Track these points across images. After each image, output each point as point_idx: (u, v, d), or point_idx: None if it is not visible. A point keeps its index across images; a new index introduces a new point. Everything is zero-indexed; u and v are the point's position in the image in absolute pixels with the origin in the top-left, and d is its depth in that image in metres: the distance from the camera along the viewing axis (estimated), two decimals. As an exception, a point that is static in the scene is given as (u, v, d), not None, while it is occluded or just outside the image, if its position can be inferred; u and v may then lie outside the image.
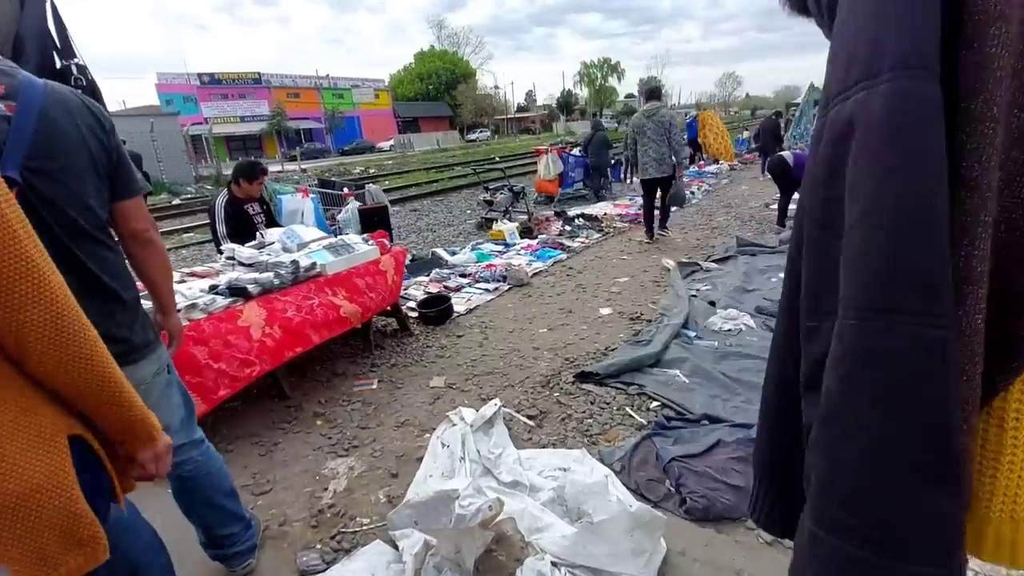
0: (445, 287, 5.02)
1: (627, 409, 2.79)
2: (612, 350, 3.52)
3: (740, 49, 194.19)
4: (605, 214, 8.45)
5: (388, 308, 3.86)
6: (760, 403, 0.82)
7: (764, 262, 5.14)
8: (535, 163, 18.44)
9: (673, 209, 6.93)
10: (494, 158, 24.13)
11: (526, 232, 7.15)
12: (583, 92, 71.97)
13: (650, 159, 6.00)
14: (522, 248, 6.43)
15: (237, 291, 2.82)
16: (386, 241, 3.90)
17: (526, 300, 4.71)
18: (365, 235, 4.00)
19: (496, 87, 64.53)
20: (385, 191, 13.70)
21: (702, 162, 15.26)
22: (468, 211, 10.27)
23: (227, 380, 2.63)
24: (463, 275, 5.33)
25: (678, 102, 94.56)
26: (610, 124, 55.45)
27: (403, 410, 2.96)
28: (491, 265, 5.58)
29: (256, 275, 2.98)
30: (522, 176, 15.44)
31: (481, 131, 52.58)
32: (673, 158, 5.97)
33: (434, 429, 2.66)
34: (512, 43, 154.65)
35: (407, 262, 4.65)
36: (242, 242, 3.53)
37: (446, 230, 8.41)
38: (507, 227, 7.05)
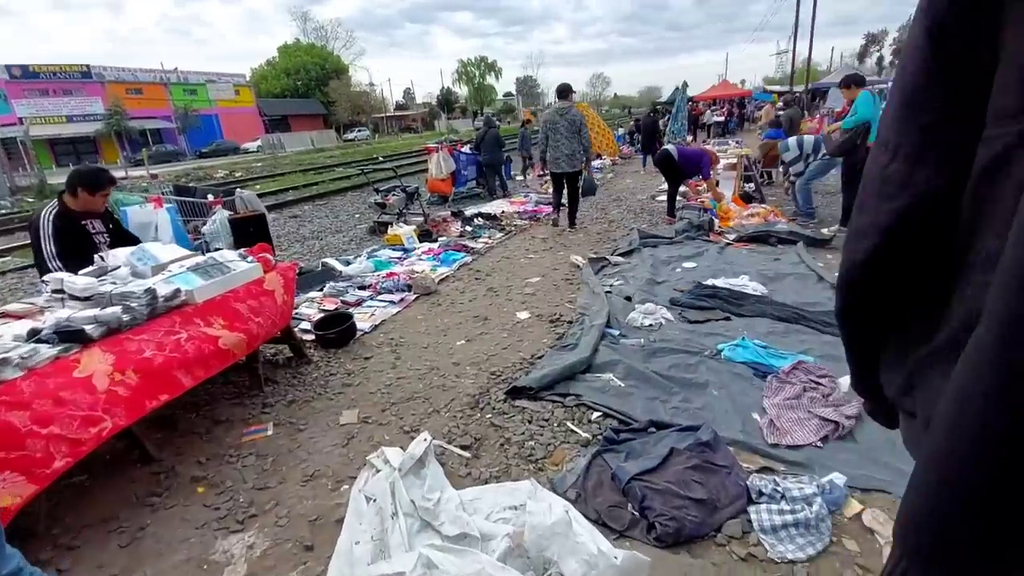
0: (343, 302, 4.49)
1: (568, 424, 2.58)
2: (539, 358, 3.31)
3: (606, 51, 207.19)
4: (503, 212, 8.29)
5: (279, 334, 3.30)
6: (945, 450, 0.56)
7: (666, 253, 5.28)
8: (424, 162, 17.91)
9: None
10: (378, 157, 23.06)
11: (425, 235, 6.74)
12: (463, 90, 71.98)
13: (562, 154, 6.31)
14: (423, 252, 6.02)
15: (69, 335, 2.15)
16: (270, 256, 3.33)
17: (437, 310, 4.36)
18: (242, 250, 3.38)
19: (372, 84, 62.23)
20: (258, 196, 12.45)
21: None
22: (357, 215, 9.56)
23: (65, 446, 2.00)
24: (362, 287, 4.82)
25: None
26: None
27: (310, 459, 2.48)
28: (392, 274, 5.12)
29: (96, 311, 2.32)
30: (411, 176, 14.87)
31: (360, 130, 50.27)
32: (583, 154, 6.39)
33: (353, 479, 2.25)
34: (385, 39, 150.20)
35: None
36: (77, 267, 2.77)
37: (335, 237, 7.70)
38: (404, 231, 6.59)
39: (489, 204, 9.55)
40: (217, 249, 3.82)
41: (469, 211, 8.54)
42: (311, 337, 3.78)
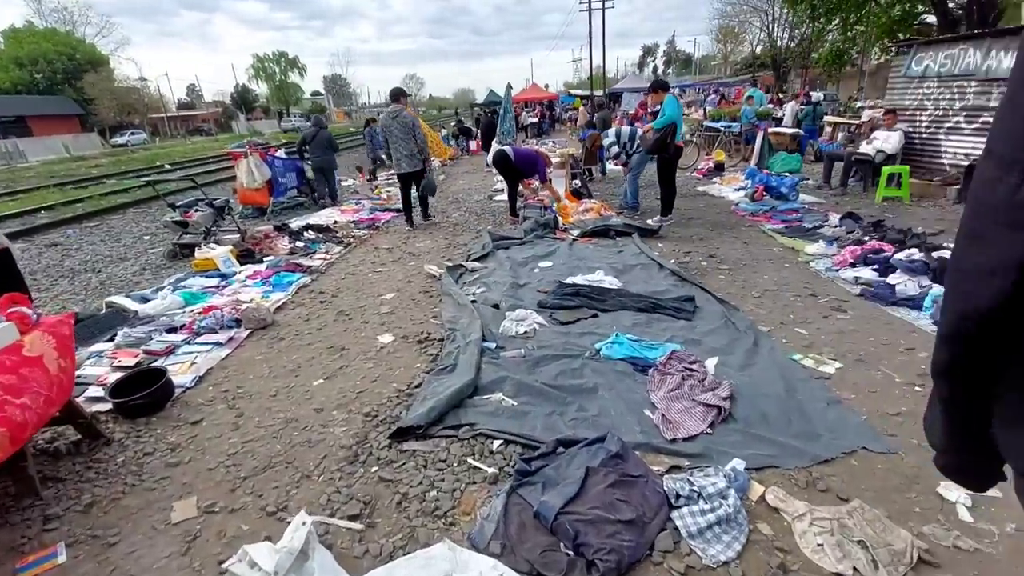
0: (147, 352, 3.55)
1: (470, 460, 2.32)
2: (417, 387, 2.97)
3: (416, 52, 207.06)
4: (336, 222, 7.57)
5: (57, 413, 2.41)
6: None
7: (520, 254, 5.28)
8: (226, 168, 15.86)
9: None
10: (162, 165, 19.60)
11: (245, 256, 5.78)
12: (261, 88, 65.30)
13: (402, 155, 6.63)
14: (247, 277, 5.13)
15: None
16: (26, 309, 2.41)
17: (279, 345, 3.69)
18: (-22, 305, 2.39)
19: (144, 79, 52.86)
20: (-8, 222, 9.53)
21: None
22: (147, 236, 7.87)
23: None
24: (172, 329, 3.88)
25: (368, 101, 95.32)
26: (300, 122, 51.96)
27: (135, 584, 1.82)
28: (211, 307, 4.23)
29: None
30: (212, 186, 12.92)
31: (134, 133, 42.24)
32: (420, 154, 6.66)
33: (209, 601, 1.69)
34: (155, 27, 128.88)
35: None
36: None
37: (118, 267, 6.19)
38: (217, 252, 5.56)
39: (317, 214, 8.67)
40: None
41: (295, 223, 7.62)
42: (106, 407, 2.88)
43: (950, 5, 13.55)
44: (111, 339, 3.80)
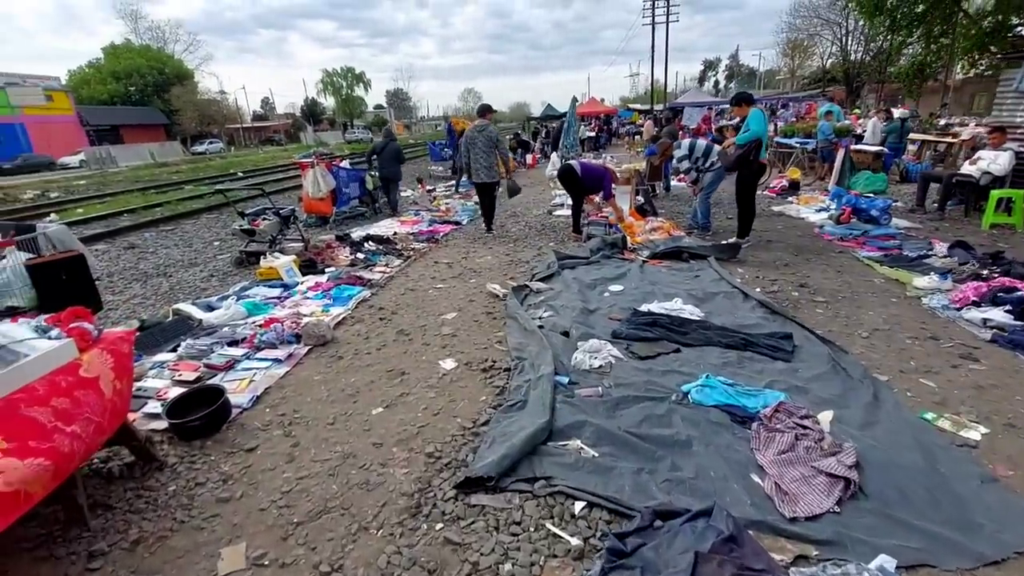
0: (208, 367, 3.43)
1: (548, 525, 1.98)
2: (483, 425, 2.67)
3: (475, 67, 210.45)
4: (396, 234, 7.47)
5: (110, 436, 2.26)
6: None
7: (588, 275, 4.92)
8: (293, 178, 16.35)
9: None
10: (235, 173, 20.53)
11: (307, 266, 5.72)
12: (329, 101, 68.17)
13: (481, 167, 7.01)
14: (309, 289, 5.03)
15: None
16: (88, 325, 2.28)
17: (338, 365, 3.49)
18: (42, 318, 2.29)
19: (223, 92, 56.27)
20: (79, 222, 10.10)
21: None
22: (216, 242, 8.05)
23: None
24: (233, 342, 3.77)
25: (427, 114, 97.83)
26: (363, 135, 53.75)
27: (173, 653, 1.59)
28: (272, 320, 4.11)
29: None
30: (279, 194, 13.30)
31: (212, 142, 44.89)
32: (500, 166, 7.14)
33: None
34: (235, 44, 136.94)
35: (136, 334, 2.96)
36: None
37: (189, 272, 6.29)
38: (281, 261, 5.51)
39: (377, 224, 8.64)
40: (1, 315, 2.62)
41: (356, 233, 7.58)
42: (163, 425, 2.74)
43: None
44: (175, 348, 3.72)
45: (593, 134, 22.83)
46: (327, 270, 5.62)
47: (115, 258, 7.10)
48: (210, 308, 4.50)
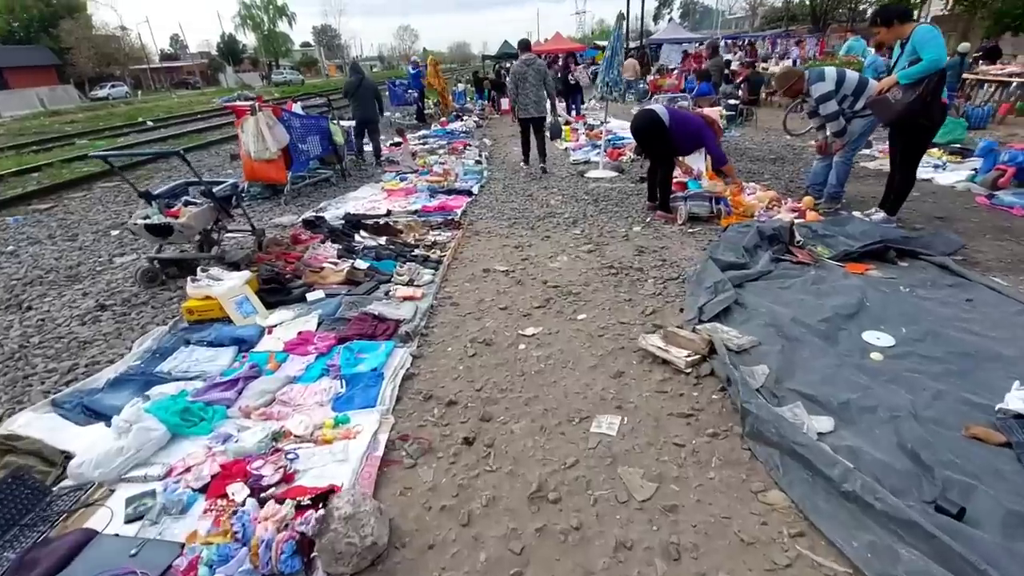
0: None
1: None
2: None
3: (409, 2, 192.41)
4: (389, 213, 5.04)
5: None
6: None
7: (787, 303, 2.78)
8: (222, 127, 13.11)
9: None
10: (144, 122, 16.41)
11: (272, 287, 3.27)
12: (249, 38, 59.52)
13: (530, 101, 6.35)
14: (288, 347, 2.65)
15: None
16: None
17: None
18: None
19: (124, 28, 47.53)
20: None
21: (443, 119, 12.57)
22: (115, 231, 5.27)
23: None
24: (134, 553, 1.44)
25: (361, 53, 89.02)
26: (292, 75, 47.25)
27: None
28: (228, 475, 1.78)
29: None
30: (202, 150, 10.11)
31: (115, 85, 37.70)
32: (548, 101, 6.59)
33: None
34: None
35: None
36: None
37: (63, 298, 3.64)
38: (225, 288, 3.05)
39: (355, 195, 6.07)
40: None
41: (331, 213, 5.08)
42: None
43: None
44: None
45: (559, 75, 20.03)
46: (310, 295, 3.21)
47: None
48: (91, 413, 2.09)
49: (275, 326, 2.88)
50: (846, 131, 4.38)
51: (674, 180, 4.94)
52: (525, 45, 6.67)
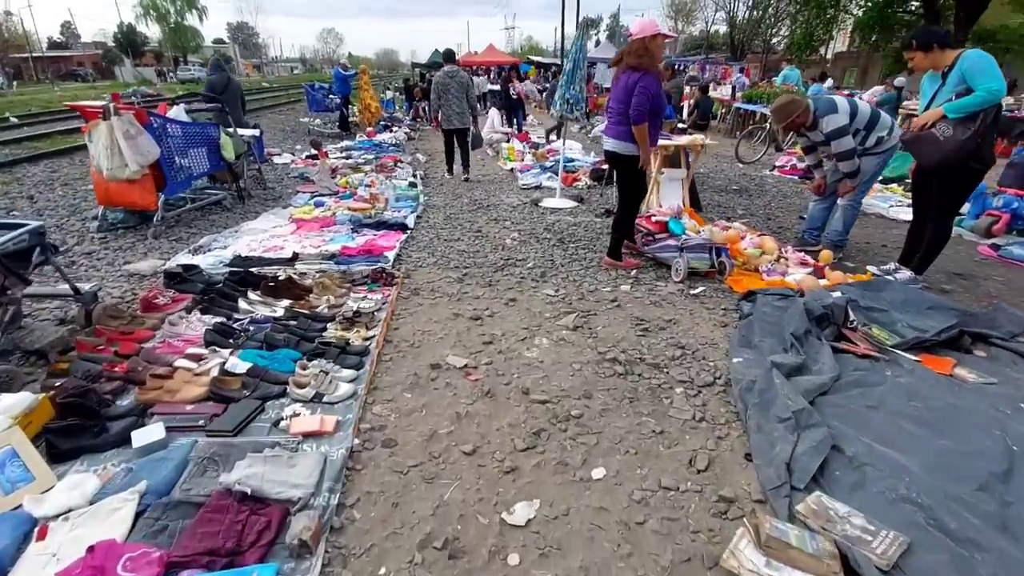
0: None
1: None
2: None
3: (334, 6, 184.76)
4: (295, 256, 3.72)
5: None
6: None
7: (865, 443, 1.90)
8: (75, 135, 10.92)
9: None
10: (7, 117, 13.45)
11: (73, 422, 1.90)
12: (153, 30, 53.61)
13: (453, 112, 6.33)
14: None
15: None
16: None
17: None
18: None
19: (8, 13, 41.05)
20: None
21: (371, 129, 11.11)
22: None
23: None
24: None
25: (280, 54, 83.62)
26: (200, 73, 42.85)
27: None
28: None
29: None
30: (62, 157, 8.06)
31: (-17, 73, 32.17)
32: (470, 112, 6.49)
33: None
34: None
35: None
36: None
37: None
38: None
39: (250, 227, 4.63)
40: None
41: (213, 255, 3.69)
42: None
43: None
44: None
45: (498, 87, 19.14)
46: (138, 432, 1.86)
47: None
48: None
49: (57, 517, 1.54)
50: (859, 171, 3.68)
51: (652, 219, 4.03)
52: (449, 56, 6.67)
